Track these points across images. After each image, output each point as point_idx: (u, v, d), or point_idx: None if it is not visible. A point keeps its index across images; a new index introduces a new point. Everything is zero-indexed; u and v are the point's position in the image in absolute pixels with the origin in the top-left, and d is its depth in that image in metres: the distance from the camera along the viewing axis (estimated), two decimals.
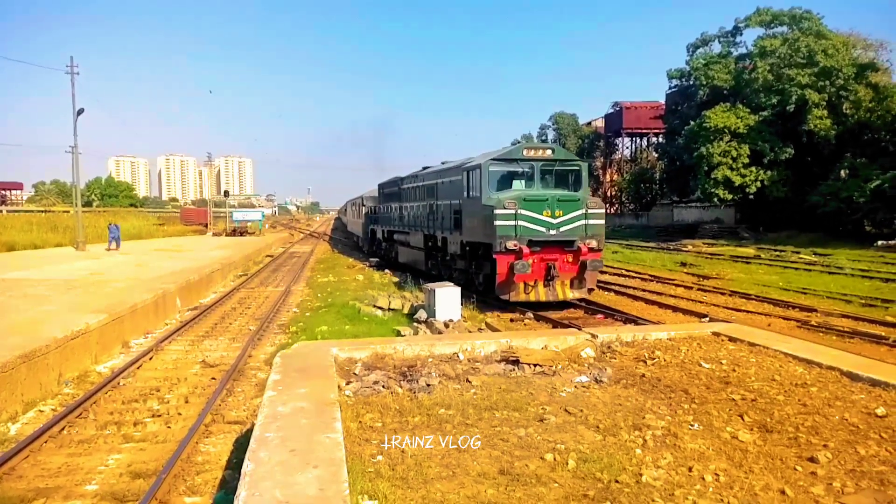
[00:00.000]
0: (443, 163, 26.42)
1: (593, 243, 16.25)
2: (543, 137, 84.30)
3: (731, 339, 7.55)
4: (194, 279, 22.46)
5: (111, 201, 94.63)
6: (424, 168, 26.85)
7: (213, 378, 11.70)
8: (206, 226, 69.10)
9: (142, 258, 30.76)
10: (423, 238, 23.48)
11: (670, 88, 58.10)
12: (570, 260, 16.20)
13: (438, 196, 21.76)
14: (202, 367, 12.61)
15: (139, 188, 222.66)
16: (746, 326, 8.24)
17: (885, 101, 43.98)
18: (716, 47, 51.99)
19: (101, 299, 16.23)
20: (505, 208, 15.70)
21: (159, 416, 9.81)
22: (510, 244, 15.62)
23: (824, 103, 43.49)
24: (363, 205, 41.46)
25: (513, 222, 15.74)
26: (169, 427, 9.34)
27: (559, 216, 16.01)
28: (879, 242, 37.67)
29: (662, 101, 63.25)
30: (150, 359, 13.17)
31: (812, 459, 4.06)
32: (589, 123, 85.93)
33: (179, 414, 9.86)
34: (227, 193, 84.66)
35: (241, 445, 7.83)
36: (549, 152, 17.56)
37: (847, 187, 40.81)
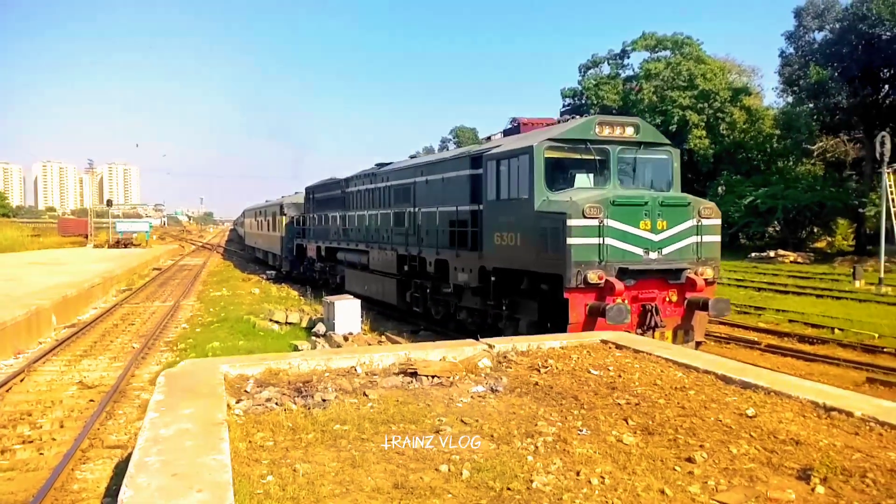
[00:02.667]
0: (413, 156, 21.82)
1: (708, 272, 11.22)
2: (444, 149, 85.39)
3: (618, 347, 7.89)
4: (72, 294, 21.03)
5: None
6: (380, 165, 21.34)
7: (92, 400, 10.98)
8: (86, 237, 64.85)
9: (14, 272, 28.48)
10: (396, 259, 17.49)
11: (564, 106, 60.49)
12: (675, 298, 11.18)
13: (417, 200, 16.64)
14: (80, 388, 11.81)
15: (12, 197, 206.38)
16: (631, 335, 8.65)
17: (757, 123, 47.87)
18: (605, 69, 54.69)
19: None
20: (585, 216, 10.40)
21: (31, 442, 9.10)
22: (593, 275, 10.38)
23: (703, 124, 46.75)
24: (282, 213, 33.32)
25: (596, 240, 10.49)
26: (41, 454, 8.67)
27: (662, 229, 10.94)
28: (753, 254, 40.80)
29: (557, 117, 65.67)
30: (21, 380, 12.20)
31: (690, 459, 4.29)
32: (489, 138, 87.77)
33: (53, 439, 9.18)
34: (110, 203, 79.81)
35: (122, 471, 7.35)
36: (629, 130, 11.92)
37: (723, 203, 43.98)
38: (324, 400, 5.80)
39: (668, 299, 11.12)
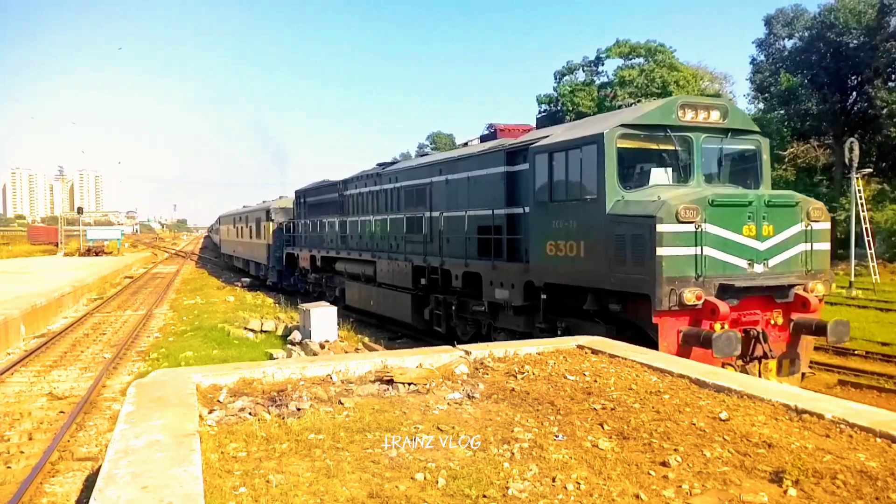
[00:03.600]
0: (423, 154, 20.86)
1: (819, 288, 9.43)
2: (423, 155, 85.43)
3: (594, 352, 7.92)
4: (41, 304, 20.62)
5: None
6: (383, 164, 19.68)
7: (62, 412, 10.76)
8: (57, 245, 63.68)
9: None
10: (411, 271, 15.58)
11: (540, 112, 60.87)
12: (780, 321, 9.38)
13: (436, 203, 14.91)
14: (49, 399, 11.56)
15: None
16: (607, 339, 8.70)
17: None
18: (580, 76, 55.15)
19: None
20: (679, 220, 8.63)
21: None
22: (690, 294, 8.58)
23: None
24: (268, 219, 30.75)
25: (693, 250, 8.72)
26: (9, 467, 8.48)
27: (768, 235, 9.14)
28: None
29: (533, 124, 66.06)
30: None
31: (664, 464, 4.31)
32: (465, 144, 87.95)
33: (21, 452, 8.99)
34: (80, 210, 78.38)
35: (93, 483, 7.20)
36: (715, 114, 10.08)
37: None
38: (298, 409, 5.74)
39: (772, 322, 9.23)
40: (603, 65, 54.18)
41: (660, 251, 8.58)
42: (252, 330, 18.61)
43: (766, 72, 46.11)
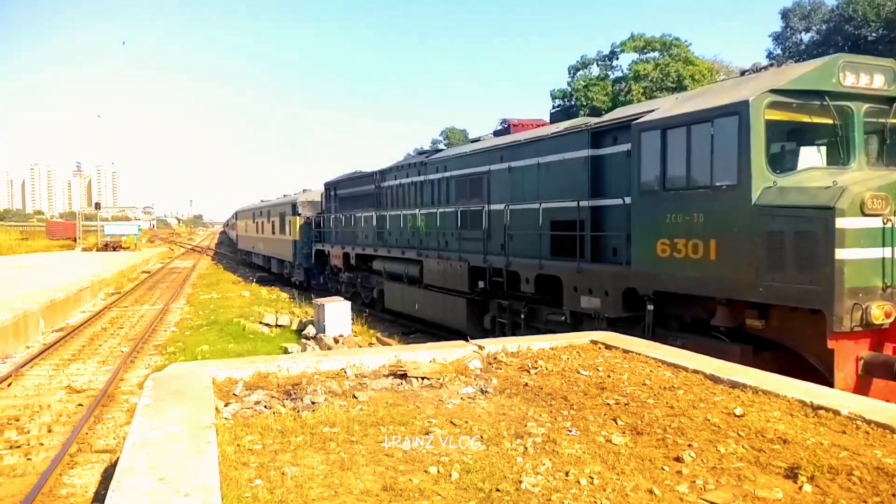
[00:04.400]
0: (473, 140, 18.63)
1: None
2: (436, 150, 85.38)
3: (608, 347, 7.91)
4: (60, 298, 20.88)
5: None
6: (426, 153, 18.51)
7: (80, 404, 10.91)
8: (75, 240, 64.41)
9: (1, 276, 28.23)
10: (467, 273, 13.91)
11: (554, 108, 60.60)
12: None
13: (495, 194, 13.43)
14: (68, 392, 11.72)
15: None
16: (620, 334, 8.67)
17: None
18: (594, 70, 54.84)
19: None
20: (864, 213, 7.00)
21: (18, 447, 9.04)
22: (878, 310, 6.96)
23: None
24: (294, 213, 28.60)
25: (880, 251, 7.13)
26: (29, 459, 8.61)
27: None
28: None
29: (547, 119, 65.85)
30: (9, 385, 12.12)
31: (678, 459, 4.30)
32: (478, 139, 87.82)
33: (41, 444, 9.12)
34: (98, 206, 79.31)
35: (111, 476, 7.31)
36: (879, 79, 8.24)
37: None
38: (313, 402, 5.79)
39: None
40: (617, 59, 53.84)
41: (840, 253, 6.82)
42: (267, 324, 18.75)
43: (783, 66, 45.59)
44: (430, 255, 15.87)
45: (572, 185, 11.06)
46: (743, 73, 10.30)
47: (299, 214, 28.34)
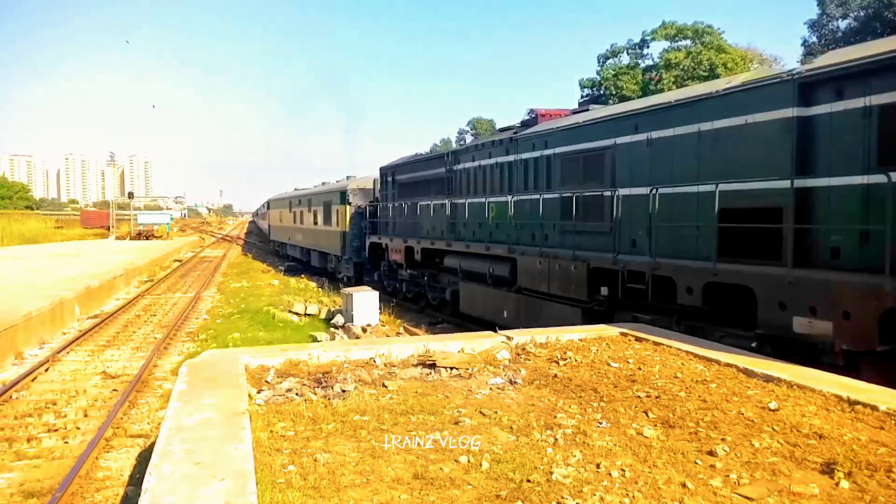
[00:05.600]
0: (461, 142, 16.52)
1: None
2: (462, 142, 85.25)
3: (638, 339, 7.84)
4: (95, 285, 21.32)
5: (4, 203, 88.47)
6: (514, 129, 15.25)
7: (115, 390, 11.14)
8: (108, 229, 65.70)
9: (38, 263, 28.94)
10: (585, 276, 11.11)
11: (582, 97, 60.05)
12: None
13: (624, 175, 10.89)
14: (103, 378, 11.98)
15: (36, 189, 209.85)
16: (651, 326, 8.60)
17: None
18: (624, 59, 54.15)
19: None
20: None
21: (56, 430, 9.26)
22: None
23: None
24: (343, 201, 25.84)
25: None
26: (66, 442, 8.82)
27: None
28: None
29: (575, 108, 65.23)
30: (46, 370, 12.41)
31: (711, 453, 4.25)
32: (507, 129, 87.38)
33: (78, 428, 9.34)
34: (131, 195, 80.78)
35: (145, 460, 7.47)
36: None
37: None
38: (343, 391, 5.84)
39: None
40: (648, 47, 53.09)
41: None
42: (296, 313, 18.94)
43: (819, 54, 44.53)
44: (527, 252, 13.07)
45: (762, 160, 8.37)
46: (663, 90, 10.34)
47: (349, 203, 25.51)
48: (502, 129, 15.95)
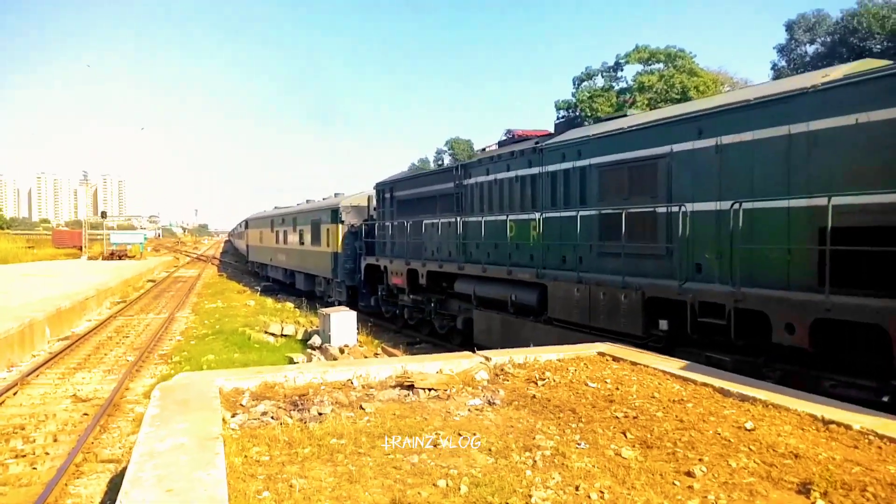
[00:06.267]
0: (438, 163, 15.60)
1: None
2: (440, 162, 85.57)
3: (615, 359, 7.87)
4: (66, 306, 20.91)
5: None
6: (535, 139, 13.90)
7: (86, 414, 10.89)
8: (80, 249, 64.63)
9: (8, 284, 28.32)
10: (640, 306, 9.52)
11: (558, 118, 60.65)
12: None
13: (676, 188, 9.67)
14: (73, 401, 11.71)
15: (6, 209, 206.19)
16: (628, 347, 8.63)
17: None
18: (599, 81, 54.98)
19: None
20: None
21: (23, 456, 9.02)
22: None
23: None
24: (335, 220, 24.06)
25: None
26: (35, 468, 8.59)
27: None
28: None
29: (552, 129, 65.91)
30: (14, 394, 12.11)
31: (689, 473, 4.26)
32: (483, 149, 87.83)
33: (47, 453, 9.10)
34: (104, 214, 79.75)
35: (116, 485, 7.28)
36: None
37: None
38: (320, 413, 5.77)
39: None
40: (622, 70, 53.99)
41: None
42: (272, 334, 18.74)
43: (717, 95, 45.62)
44: (561, 277, 11.47)
45: (882, 168, 6.99)
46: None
47: (342, 222, 23.66)
48: (515, 140, 14.71)
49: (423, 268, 16.75)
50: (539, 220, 12.58)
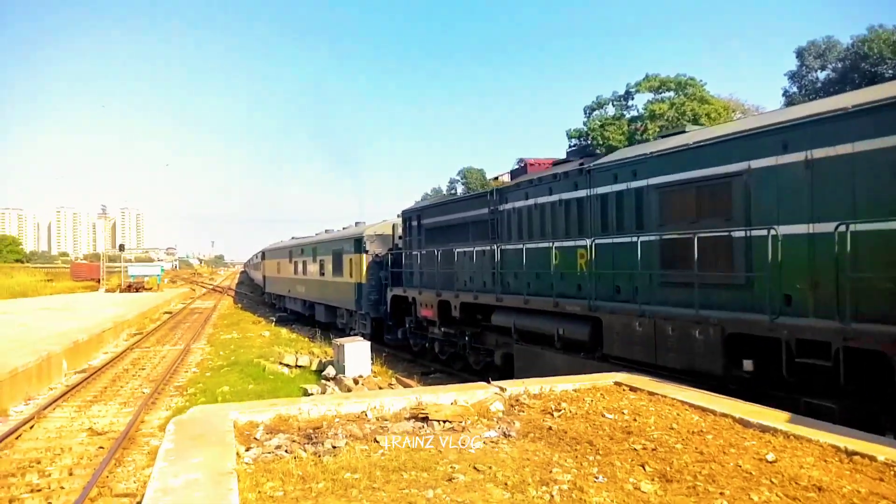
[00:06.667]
0: (451, 193, 15.08)
1: None
2: (453, 191, 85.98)
3: (632, 389, 7.78)
4: (83, 339, 21.07)
5: None
6: (513, 174, 14.06)
7: (101, 447, 10.90)
8: (98, 281, 65.32)
9: (25, 318, 28.61)
10: (720, 344, 8.36)
11: (570, 147, 60.99)
12: None
13: (756, 209, 8.67)
14: (89, 435, 11.74)
15: (27, 242, 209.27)
16: (644, 377, 8.52)
17: None
18: (610, 110, 55.30)
19: None
20: None
21: (39, 490, 9.04)
22: None
23: None
24: (359, 249, 23.24)
25: None
26: (49, 503, 8.57)
27: None
28: None
29: (564, 157, 66.22)
30: (31, 427, 12.16)
31: None
32: (496, 178, 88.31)
33: (62, 488, 9.10)
34: (122, 247, 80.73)
35: None
36: None
37: None
38: (334, 447, 5.73)
39: None
40: (633, 99, 54.30)
41: None
42: (287, 365, 18.73)
43: (799, 104, 45.70)
44: (618, 310, 10.38)
45: None
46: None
47: (366, 251, 22.85)
48: (557, 162, 13.98)
49: (456, 299, 15.73)
50: (590, 246, 11.42)
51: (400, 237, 21.27)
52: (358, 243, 23.41)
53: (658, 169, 10.31)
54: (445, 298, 16.35)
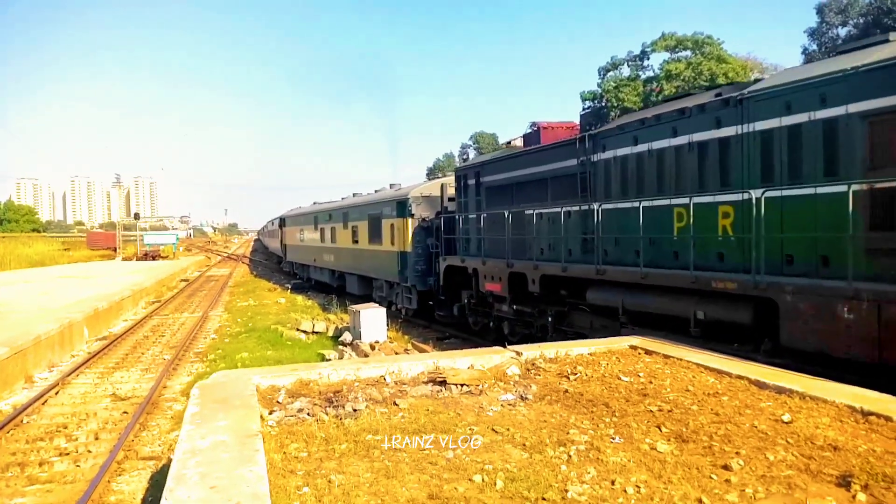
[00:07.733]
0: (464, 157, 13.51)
1: None
2: (465, 157, 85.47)
3: (648, 352, 7.83)
4: (103, 307, 21.39)
5: (11, 226, 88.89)
6: (526, 139, 12.49)
7: (125, 412, 11.16)
8: (114, 250, 65.98)
9: (46, 286, 29.06)
10: None
11: (584, 109, 60.18)
12: None
13: None
14: (113, 400, 12.00)
15: (42, 212, 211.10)
16: (660, 340, 8.57)
17: None
18: (625, 71, 54.39)
19: (1, 331, 15.18)
20: None
21: (67, 454, 9.28)
22: None
23: None
24: (402, 213, 20.22)
25: None
26: (78, 466, 8.83)
27: None
28: None
29: (577, 121, 65.39)
30: (56, 393, 12.44)
31: (726, 467, 4.24)
32: (509, 143, 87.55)
33: (89, 451, 9.35)
34: (137, 216, 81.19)
35: (157, 482, 7.47)
36: None
37: None
38: (355, 410, 5.85)
39: None
40: (648, 59, 53.35)
41: None
42: (304, 331, 18.96)
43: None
44: (807, 289, 7.44)
45: None
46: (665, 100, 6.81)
47: (412, 215, 19.83)
48: (677, 96, 11.37)
49: (536, 271, 12.96)
50: (759, 199, 8.13)
51: (450, 199, 18.41)
52: (402, 206, 20.31)
53: (867, 90, 7.33)
54: (519, 270, 13.63)
